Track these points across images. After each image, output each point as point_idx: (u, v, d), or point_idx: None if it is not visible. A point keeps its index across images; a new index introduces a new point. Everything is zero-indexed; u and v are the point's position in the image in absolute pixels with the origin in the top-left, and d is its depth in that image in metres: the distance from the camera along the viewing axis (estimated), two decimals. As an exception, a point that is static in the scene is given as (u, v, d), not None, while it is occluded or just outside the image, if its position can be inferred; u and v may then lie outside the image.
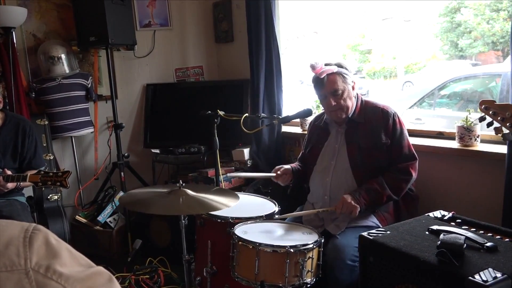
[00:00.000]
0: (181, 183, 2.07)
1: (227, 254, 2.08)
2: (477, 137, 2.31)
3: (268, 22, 3.23)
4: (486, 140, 2.34)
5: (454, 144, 2.40)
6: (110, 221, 3.42)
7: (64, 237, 3.11)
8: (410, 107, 5.17)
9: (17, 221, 2.01)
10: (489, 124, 1.67)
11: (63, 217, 3.15)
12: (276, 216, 2.26)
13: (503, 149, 2.16)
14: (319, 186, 2.29)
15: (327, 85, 2.19)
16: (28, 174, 2.35)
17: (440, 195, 2.45)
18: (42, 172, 2.36)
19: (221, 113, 2.58)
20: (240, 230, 2.05)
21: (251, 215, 2.23)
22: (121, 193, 3.42)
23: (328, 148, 2.30)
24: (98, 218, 3.35)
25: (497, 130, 1.63)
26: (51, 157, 3.34)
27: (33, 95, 3.42)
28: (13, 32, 3.29)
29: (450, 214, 1.64)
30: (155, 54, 3.88)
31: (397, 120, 2.18)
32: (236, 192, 2.63)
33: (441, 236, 1.31)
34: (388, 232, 1.49)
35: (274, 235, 2.04)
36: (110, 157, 3.67)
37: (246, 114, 2.48)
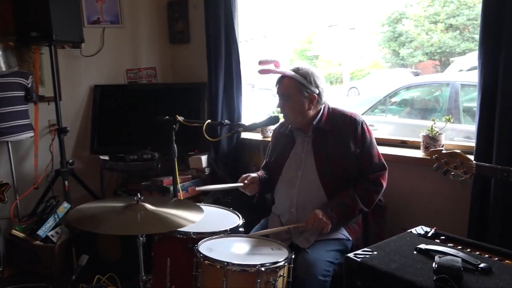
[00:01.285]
0: (140, 196, 1.87)
1: (189, 273, 1.91)
2: (442, 146, 2.29)
3: (228, 23, 3.09)
4: (451, 149, 2.32)
5: (418, 153, 2.37)
6: (52, 235, 3.09)
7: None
8: (362, 114, 5.22)
9: None
10: (445, 172, 1.65)
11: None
12: (241, 229, 2.12)
13: (468, 159, 2.16)
14: (285, 197, 2.17)
15: (280, 86, 2.11)
16: None
17: (406, 205, 2.42)
18: (-25, 185, 2.06)
19: (180, 118, 2.40)
20: (204, 247, 1.88)
21: (214, 229, 2.07)
22: (65, 204, 3.11)
23: (294, 157, 2.19)
24: (38, 232, 3.02)
25: (456, 177, 1.61)
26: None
27: (-36, 95, 3.04)
28: None
29: (433, 230, 1.58)
30: (104, 53, 3.60)
31: (365, 128, 2.12)
32: (202, 205, 2.47)
33: (437, 258, 1.23)
34: (375, 252, 1.40)
35: (241, 252, 1.89)
36: (52, 164, 3.34)
37: (209, 121, 2.31)
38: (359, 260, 1.34)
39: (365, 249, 1.43)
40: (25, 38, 3.10)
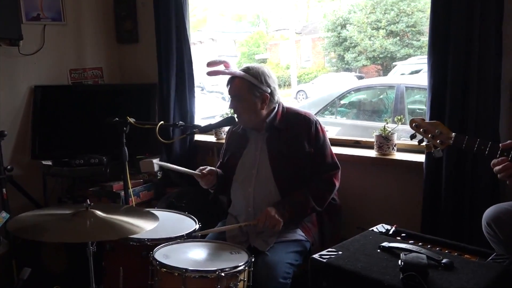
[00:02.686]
0: (89, 202, 1.74)
1: (144, 283, 1.81)
2: (394, 145, 2.34)
3: (179, 22, 2.99)
4: (402, 149, 2.39)
5: (372, 153, 2.41)
6: (-12, 247, 2.84)
7: None
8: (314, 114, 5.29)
9: None
10: (420, 141, 1.68)
11: None
12: (199, 233, 2.04)
13: (418, 157, 2.22)
14: (241, 197, 2.13)
15: (231, 87, 2.09)
16: None
17: (360, 204, 2.44)
18: None
19: (131, 120, 2.29)
20: (160, 254, 1.79)
21: (169, 235, 1.99)
22: (3, 214, 2.86)
23: (248, 156, 2.15)
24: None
25: (428, 147, 1.64)
26: None
27: None
28: None
29: (394, 228, 1.59)
30: (45, 52, 3.36)
31: (319, 127, 2.12)
32: (150, 209, 2.36)
33: (402, 256, 1.22)
34: (340, 252, 1.37)
35: (199, 258, 1.82)
36: (-13, 171, 3.07)
37: (162, 122, 2.21)
38: (324, 261, 1.32)
39: (330, 249, 1.41)
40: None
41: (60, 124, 3.39)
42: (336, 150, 2.49)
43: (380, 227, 1.62)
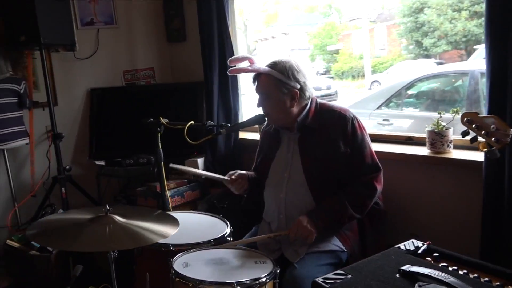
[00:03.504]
0: (108, 207, 1.70)
1: (169, 289, 1.74)
2: (450, 142, 2.04)
3: (220, 19, 2.90)
4: (460, 145, 2.08)
5: (424, 151, 2.12)
6: (48, 244, 2.99)
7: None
8: (377, 108, 4.93)
9: None
10: (473, 140, 1.40)
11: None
12: (229, 238, 1.93)
13: (480, 156, 1.90)
14: (273, 203, 1.97)
15: (258, 85, 1.92)
16: None
17: (409, 209, 2.18)
18: None
19: (164, 121, 2.24)
20: (180, 262, 1.71)
21: (197, 240, 1.90)
22: (61, 211, 3.00)
23: (280, 158, 1.99)
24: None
25: (482, 146, 1.37)
26: (-23, 174, 2.90)
27: (-44, 104, 2.97)
28: None
29: (425, 246, 1.35)
30: (99, 55, 3.47)
31: (356, 125, 1.89)
32: (184, 212, 2.31)
33: (417, 287, 1.00)
34: (349, 276, 1.18)
35: (221, 266, 1.70)
36: (49, 171, 3.25)
37: (192, 122, 2.13)
38: (327, 286, 1.13)
39: (339, 271, 1.21)
40: (14, 43, 3.00)
41: (114, 124, 3.48)
42: (385, 147, 2.26)
43: (410, 244, 1.38)
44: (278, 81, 1.86)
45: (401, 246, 1.38)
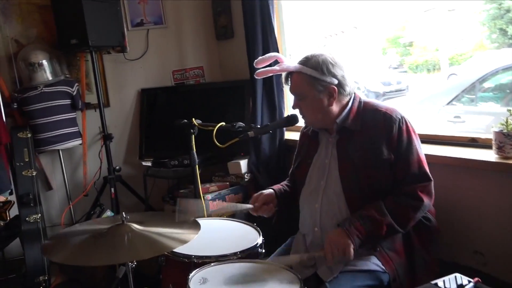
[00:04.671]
0: (125, 215, 1.61)
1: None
2: (523, 146, 1.69)
3: (264, 14, 2.73)
4: (535, 151, 1.71)
5: (490, 156, 1.79)
6: (97, 243, 3.03)
7: (42, 264, 2.76)
8: (448, 103, 4.46)
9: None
10: None
11: (41, 241, 2.79)
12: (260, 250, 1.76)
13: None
14: (307, 214, 1.77)
15: (291, 85, 1.72)
16: None
17: (470, 226, 1.85)
18: (-19, 202, 1.99)
19: (196, 122, 2.12)
20: (198, 277, 1.57)
21: (223, 251, 1.74)
22: (108, 212, 3.02)
23: (318, 163, 1.77)
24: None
25: None
26: (33, 174, 3.00)
27: (15, 106, 3.10)
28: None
29: (472, 284, 1.07)
30: (149, 55, 3.46)
31: (403, 127, 1.62)
32: (215, 219, 2.17)
33: None
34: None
35: (240, 285, 1.53)
36: (100, 171, 3.29)
37: (222, 124, 1.99)
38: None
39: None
40: (66, 46, 3.06)
41: (163, 125, 3.45)
42: (442, 150, 1.95)
43: (451, 280, 1.10)
44: (311, 79, 1.65)
45: (439, 283, 1.11)
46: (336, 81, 1.65)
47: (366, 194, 1.61)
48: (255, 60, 1.78)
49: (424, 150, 1.67)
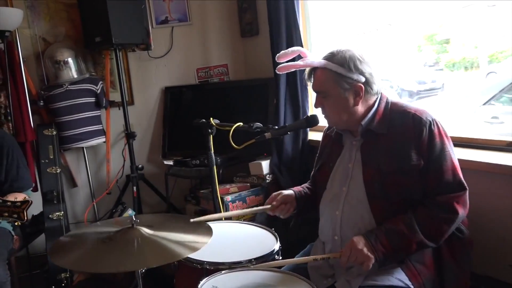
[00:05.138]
0: (135, 218, 1.55)
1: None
2: None
3: (288, 9, 2.62)
4: None
5: (531, 162, 1.62)
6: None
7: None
8: (485, 103, 4.20)
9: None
10: None
11: (63, 238, 2.79)
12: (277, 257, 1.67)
13: None
14: (327, 220, 1.65)
15: (314, 82, 1.61)
16: None
17: (505, 238, 1.69)
18: (0, 201, 1.98)
19: (213, 121, 2.04)
20: (209, 286, 1.49)
21: (237, 257, 1.66)
22: (129, 211, 3.00)
23: (341, 167, 1.65)
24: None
25: None
26: (57, 171, 3.02)
27: (41, 104, 3.13)
28: (17, 36, 3.01)
29: None
30: (174, 53, 3.42)
31: (435, 130, 1.48)
32: (231, 222, 2.09)
33: None
34: None
35: (252, 296, 1.44)
36: (123, 169, 3.28)
37: (239, 124, 1.91)
38: None
39: None
40: (91, 43, 3.06)
41: (186, 124, 3.39)
42: (476, 155, 1.79)
43: None
44: (337, 75, 1.54)
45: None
46: (363, 79, 1.53)
47: (392, 202, 1.48)
48: (277, 54, 1.69)
49: (457, 154, 1.53)
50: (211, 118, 2.07)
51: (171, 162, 3.12)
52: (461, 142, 1.94)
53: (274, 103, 2.89)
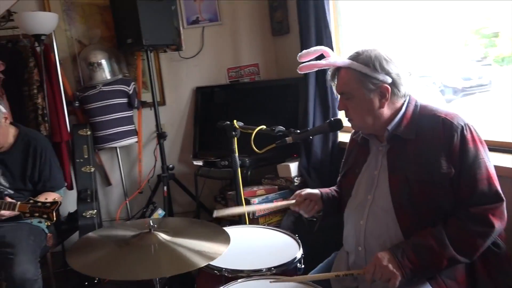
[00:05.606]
0: (152, 223, 1.53)
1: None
2: None
3: (318, 9, 2.53)
4: None
5: None
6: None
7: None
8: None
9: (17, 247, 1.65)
10: None
11: (95, 236, 2.85)
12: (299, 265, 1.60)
13: None
14: (351, 230, 1.56)
15: (338, 82, 1.51)
16: (18, 203, 2.05)
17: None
18: (32, 201, 2.04)
19: (237, 124, 2.00)
20: (225, 295, 1.44)
21: (257, 265, 1.60)
22: (159, 211, 3.02)
23: (366, 174, 1.55)
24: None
25: None
26: (91, 170, 3.08)
27: (77, 104, 3.20)
28: (54, 39, 3.09)
29: None
30: (204, 53, 3.41)
31: (468, 136, 1.35)
32: (254, 226, 2.03)
33: None
34: None
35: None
36: (154, 169, 3.31)
37: (262, 127, 1.85)
38: None
39: None
40: (123, 45, 3.10)
41: (216, 124, 3.38)
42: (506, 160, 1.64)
43: None
44: (361, 75, 1.44)
45: None
46: (389, 80, 1.43)
47: (420, 213, 1.38)
48: (299, 54, 1.61)
49: (497, 160, 1.40)
50: (235, 121, 2.02)
51: (200, 163, 3.11)
52: (497, 147, 1.79)
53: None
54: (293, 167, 2.66)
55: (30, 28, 2.75)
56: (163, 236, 1.51)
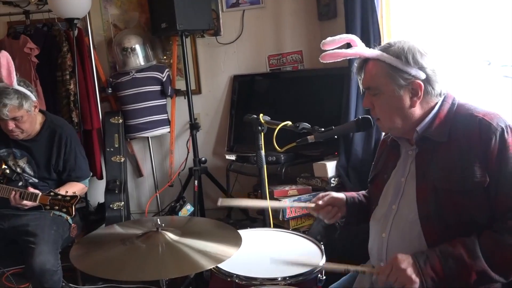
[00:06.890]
0: (159, 223, 1.56)
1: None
2: None
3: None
4: None
5: None
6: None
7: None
8: None
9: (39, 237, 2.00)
10: None
11: (121, 229, 2.97)
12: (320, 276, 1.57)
13: None
14: (374, 243, 1.51)
15: (364, 76, 1.45)
16: (40, 194, 2.18)
17: None
18: (52, 194, 2.16)
19: (262, 119, 1.99)
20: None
21: (272, 273, 1.59)
22: (188, 206, 3.08)
23: (394, 181, 1.49)
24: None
25: None
26: (121, 160, 3.20)
27: (110, 91, 3.33)
28: (88, 23, 3.23)
29: None
30: (244, 38, 3.40)
31: (508, 140, 1.26)
32: (275, 230, 2.01)
33: None
34: None
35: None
36: (186, 162, 3.37)
37: (287, 123, 1.82)
38: None
39: None
40: (157, 30, 3.17)
41: (255, 114, 3.37)
42: None
43: None
44: (392, 69, 1.38)
45: None
46: (423, 75, 1.36)
47: (448, 226, 1.30)
48: (323, 41, 1.57)
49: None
50: (261, 115, 2.02)
51: (233, 157, 3.13)
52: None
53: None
54: (331, 166, 2.60)
55: (62, 11, 2.89)
56: (170, 236, 1.54)
